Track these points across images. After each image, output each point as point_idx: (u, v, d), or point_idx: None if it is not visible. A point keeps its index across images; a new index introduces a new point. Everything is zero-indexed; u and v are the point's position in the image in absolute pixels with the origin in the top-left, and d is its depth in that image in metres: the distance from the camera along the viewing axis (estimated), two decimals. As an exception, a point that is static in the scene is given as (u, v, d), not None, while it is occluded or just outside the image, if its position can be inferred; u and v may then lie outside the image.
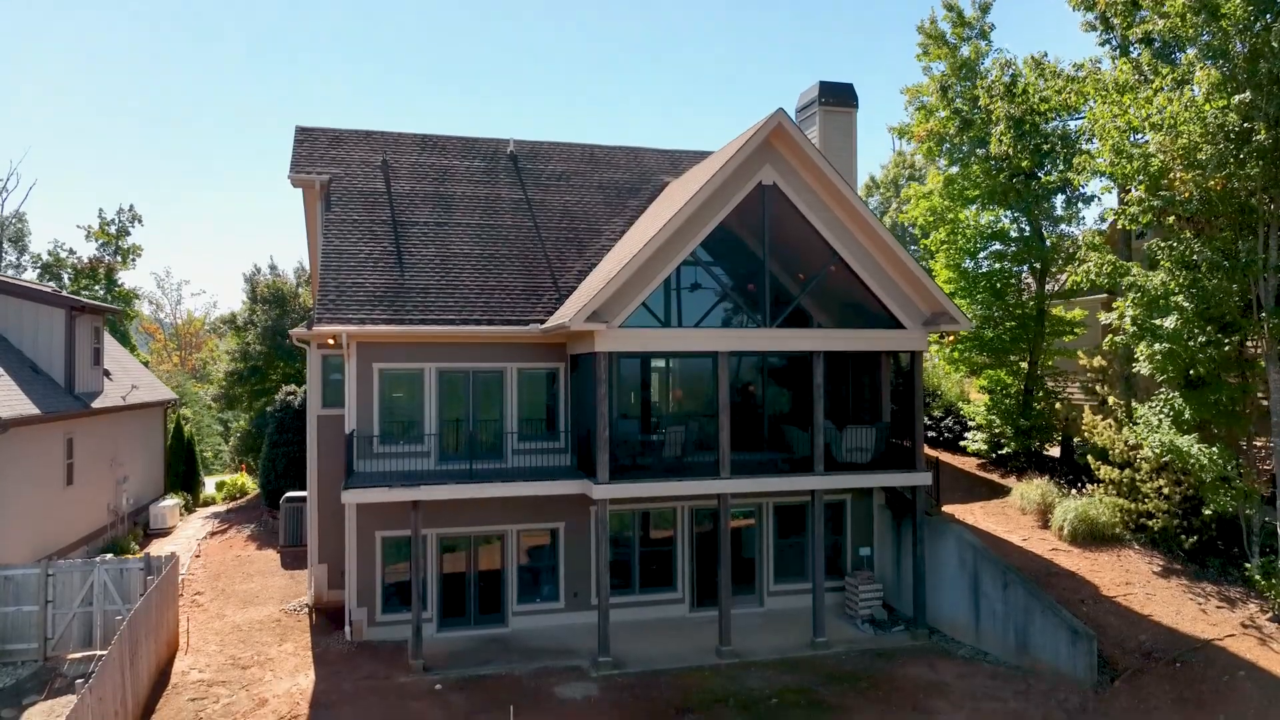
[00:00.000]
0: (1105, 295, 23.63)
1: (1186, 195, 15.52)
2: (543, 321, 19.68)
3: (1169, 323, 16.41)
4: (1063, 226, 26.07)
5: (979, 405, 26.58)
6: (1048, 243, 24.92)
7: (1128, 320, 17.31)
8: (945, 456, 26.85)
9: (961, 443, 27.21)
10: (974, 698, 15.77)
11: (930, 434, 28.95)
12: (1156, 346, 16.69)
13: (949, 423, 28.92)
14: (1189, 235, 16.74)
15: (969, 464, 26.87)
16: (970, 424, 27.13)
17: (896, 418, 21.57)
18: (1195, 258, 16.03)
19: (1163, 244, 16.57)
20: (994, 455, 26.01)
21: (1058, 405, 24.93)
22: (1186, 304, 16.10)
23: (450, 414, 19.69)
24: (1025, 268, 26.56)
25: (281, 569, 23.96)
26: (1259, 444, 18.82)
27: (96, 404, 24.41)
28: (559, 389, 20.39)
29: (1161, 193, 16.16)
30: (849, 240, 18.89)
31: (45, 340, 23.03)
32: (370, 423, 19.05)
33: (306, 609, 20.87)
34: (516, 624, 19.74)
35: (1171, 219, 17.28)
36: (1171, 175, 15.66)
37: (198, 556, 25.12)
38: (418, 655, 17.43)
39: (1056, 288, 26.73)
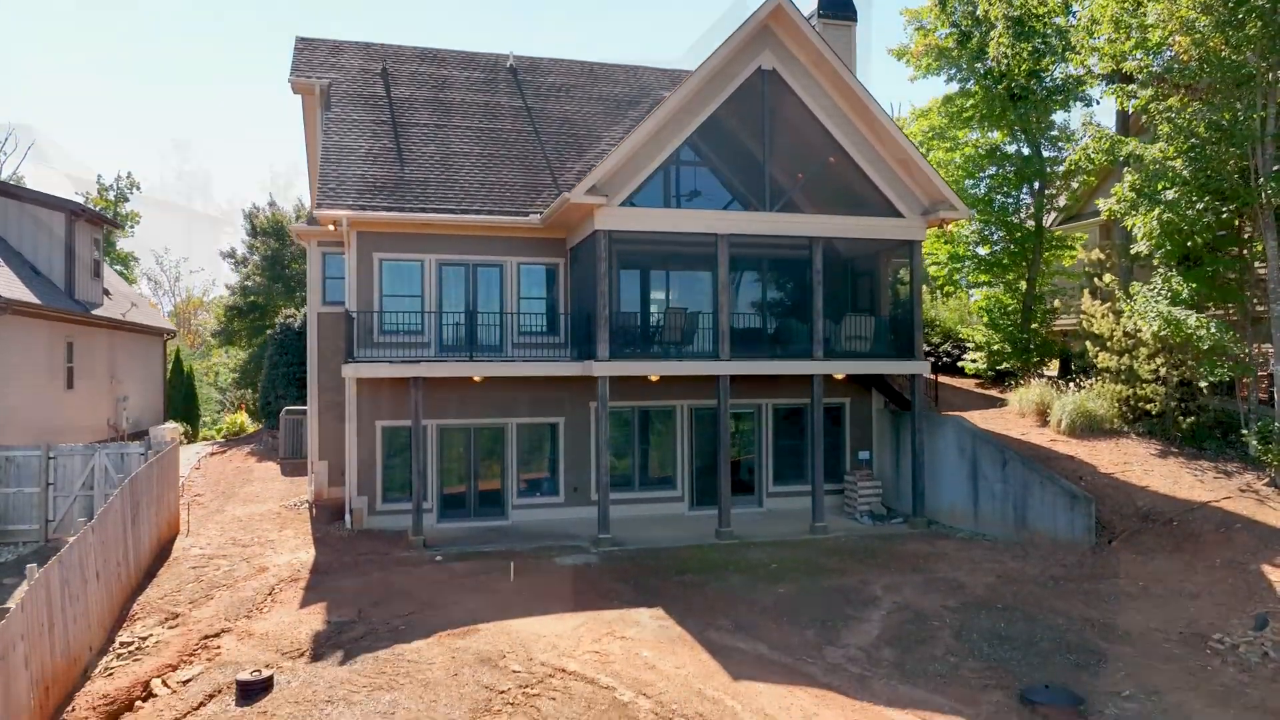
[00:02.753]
0: (1101, 220, 23.68)
1: (1186, 59, 15.56)
2: (542, 214, 19.69)
3: (1169, 194, 16.48)
4: (1060, 145, 26.20)
5: (978, 328, 26.67)
6: (1047, 166, 24.99)
7: (1126, 188, 17.35)
8: (944, 379, 26.87)
9: (960, 363, 27.28)
10: (973, 561, 15.84)
11: (929, 359, 28.95)
12: (1155, 220, 16.72)
13: (947, 348, 28.98)
14: (1189, 109, 16.78)
15: (968, 384, 26.94)
16: (969, 345, 27.21)
17: (896, 312, 21.55)
18: (1194, 121, 16.07)
19: (1162, 109, 16.61)
20: (993, 373, 26.09)
21: (1057, 304, 25.03)
22: (1185, 170, 16.15)
23: (450, 307, 19.71)
24: (1025, 188, 26.66)
25: (282, 476, 24.01)
26: (1258, 349, 18.88)
27: (96, 314, 24.42)
28: (558, 285, 20.43)
29: (1159, 61, 16.22)
30: (849, 128, 18.94)
31: (45, 244, 23.03)
32: (370, 314, 19.06)
33: (307, 504, 20.93)
34: (516, 516, 19.80)
35: (1172, 99, 17.32)
36: (1171, 40, 15.70)
37: (198, 469, 25.15)
38: (418, 533, 17.50)
39: (1057, 206, 26.82)
